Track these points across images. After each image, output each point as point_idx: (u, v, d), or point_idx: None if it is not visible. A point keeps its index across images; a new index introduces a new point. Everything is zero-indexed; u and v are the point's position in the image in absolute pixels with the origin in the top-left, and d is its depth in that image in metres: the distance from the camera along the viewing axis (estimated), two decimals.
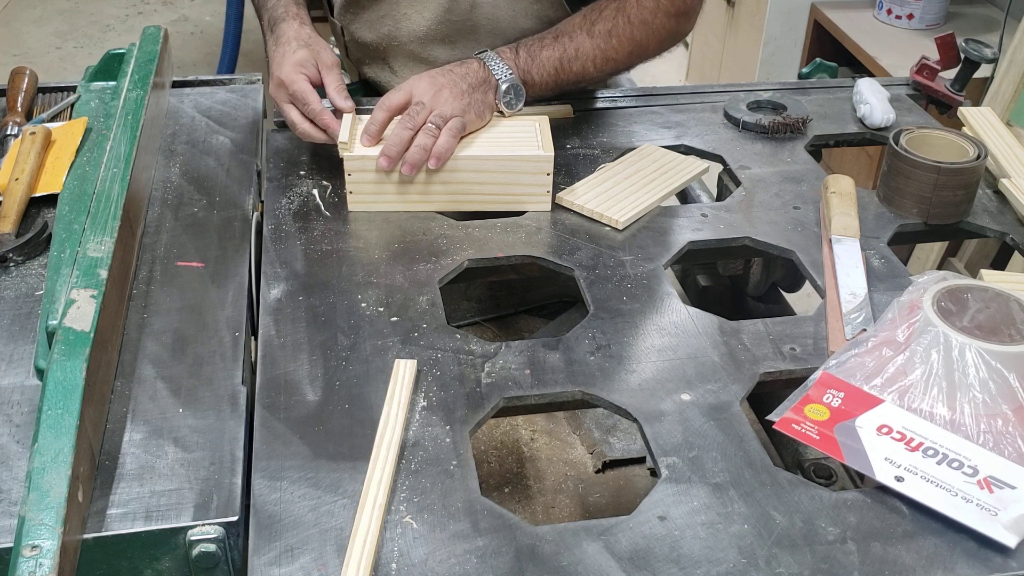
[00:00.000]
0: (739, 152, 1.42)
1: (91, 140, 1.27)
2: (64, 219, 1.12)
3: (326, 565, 0.79)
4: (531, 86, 1.34)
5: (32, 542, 0.72)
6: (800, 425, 0.92)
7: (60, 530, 0.73)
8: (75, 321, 0.91)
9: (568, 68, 1.34)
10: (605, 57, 1.35)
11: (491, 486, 1.32)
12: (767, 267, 1.50)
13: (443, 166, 1.22)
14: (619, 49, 1.35)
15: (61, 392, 0.84)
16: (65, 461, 0.79)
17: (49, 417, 0.82)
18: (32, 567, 0.71)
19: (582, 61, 1.34)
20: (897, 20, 2.90)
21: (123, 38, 4.38)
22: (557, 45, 1.34)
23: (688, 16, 1.40)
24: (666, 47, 1.42)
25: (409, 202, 1.26)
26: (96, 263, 0.99)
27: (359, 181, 1.24)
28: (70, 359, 0.87)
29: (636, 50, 1.37)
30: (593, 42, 1.34)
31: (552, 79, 1.35)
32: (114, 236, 1.04)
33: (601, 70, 1.37)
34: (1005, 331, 0.95)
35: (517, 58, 1.33)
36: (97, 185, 1.12)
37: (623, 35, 1.34)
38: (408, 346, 1.03)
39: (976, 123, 1.44)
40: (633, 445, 1.37)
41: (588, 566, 0.80)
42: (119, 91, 1.33)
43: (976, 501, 0.84)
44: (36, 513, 0.74)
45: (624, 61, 1.38)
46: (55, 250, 1.08)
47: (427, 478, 0.88)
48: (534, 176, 1.24)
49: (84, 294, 0.94)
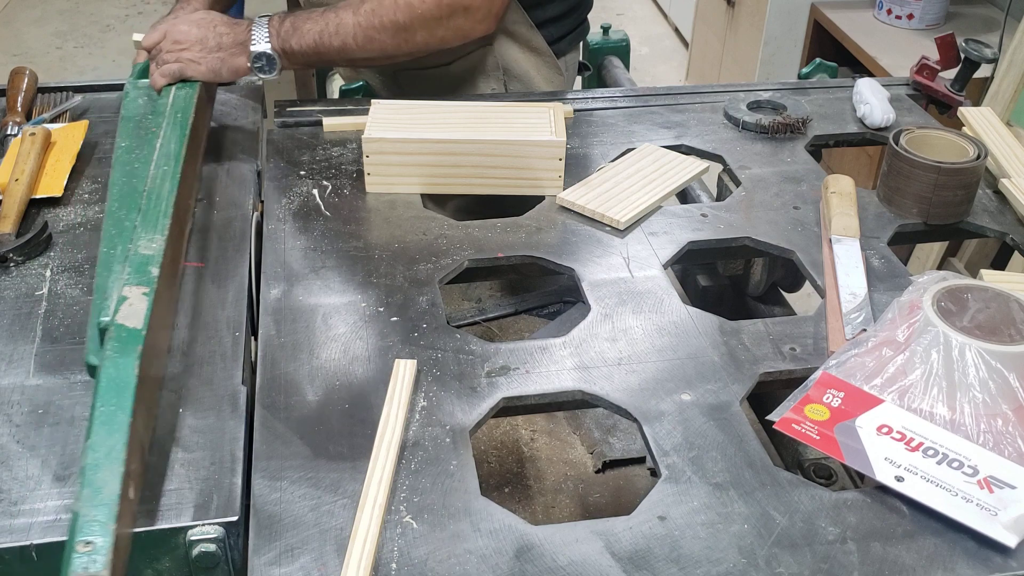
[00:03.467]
0: (739, 152, 1.42)
1: (139, 136, 1.28)
2: (113, 215, 1.13)
3: (326, 565, 0.79)
4: (291, 55, 1.37)
5: (85, 538, 0.73)
6: (800, 425, 0.92)
7: (113, 527, 0.74)
8: (127, 318, 0.92)
9: (328, 42, 1.36)
10: (367, 36, 1.36)
11: (491, 486, 1.32)
12: (767, 267, 1.50)
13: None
14: (380, 29, 1.36)
15: (114, 389, 0.85)
16: (118, 458, 0.79)
17: (102, 414, 0.83)
18: (86, 563, 0.71)
19: (342, 36, 1.36)
20: (897, 20, 2.90)
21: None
22: (321, 19, 1.37)
23: (468, 12, 1.38)
24: (443, 39, 1.41)
25: (424, 184, 1.30)
26: (148, 260, 1.00)
27: (376, 163, 1.28)
28: (123, 356, 0.88)
29: (401, 34, 1.37)
30: (355, 19, 1.36)
31: (312, 50, 1.37)
32: (165, 234, 1.04)
33: (364, 48, 1.38)
34: (1005, 331, 0.95)
35: (281, 27, 1.36)
36: (148, 183, 1.12)
37: (385, 16, 1.36)
38: (408, 346, 1.03)
39: (976, 123, 1.44)
40: (633, 445, 1.37)
41: (588, 566, 0.80)
42: (168, 89, 1.34)
43: (976, 501, 0.84)
44: (89, 509, 0.75)
45: (391, 44, 1.38)
46: (105, 246, 1.08)
47: (427, 478, 0.88)
48: (547, 161, 1.28)
49: (136, 291, 0.95)
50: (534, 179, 1.29)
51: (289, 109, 1.48)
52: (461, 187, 1.31)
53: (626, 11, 4.64)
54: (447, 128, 1.31)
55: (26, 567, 0.82)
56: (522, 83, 1.60)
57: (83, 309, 1.08)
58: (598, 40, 2.01)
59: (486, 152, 1.29)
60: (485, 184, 1.31)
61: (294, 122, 1.45)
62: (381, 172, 1.29)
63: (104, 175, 1.32)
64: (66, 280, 1.12)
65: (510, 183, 1.30)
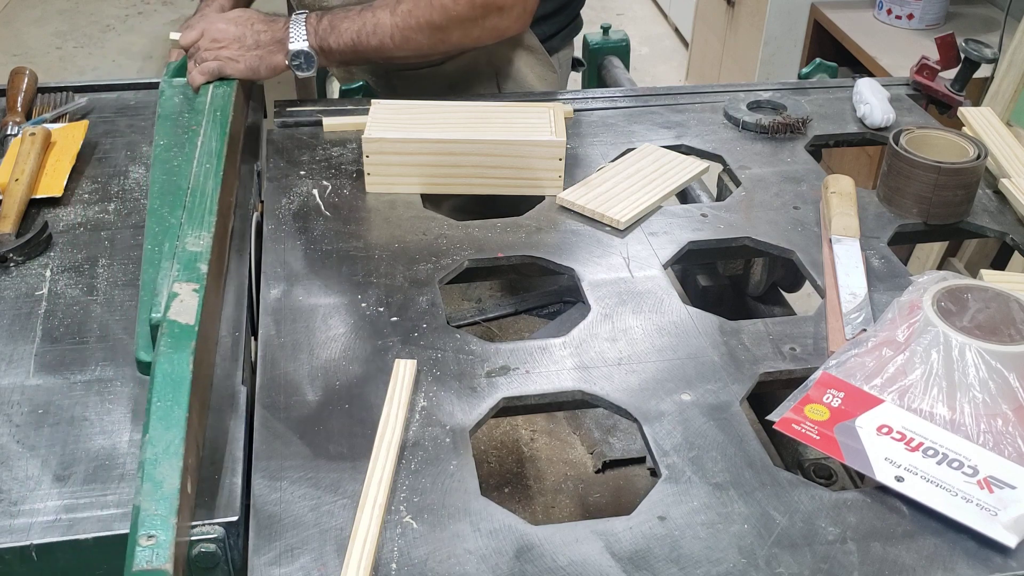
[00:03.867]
0: (739, 152, 1.42)
1: (177, 134, 1.29)
2: (156, 213, 1.13)
3: (326, 565, 0.79)
4: (328, 52, 1.39)
5: (148, 532, 0.74)
6: (800, 425, 0.92)
7: (174, 520, 0.75)
8: (179, 314, 0.92)
9: (366, 41, 1.39)
10: (404, 36, 1.39)
11: (491, 486, 1.32)
12: (767, 267, 1.50)
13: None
14: (417, 29, 1.39)
15: (170, 384, 0.85)
16: (177, 453, 0.80)
17: (159, 409, 0.83)
18: (149, 556, 0.72)
19: (380, 36, 1.39)
20: (897, 20, 2.90)
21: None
22: (359, 18, 1.39)
23: (502, 12, 1.41)
24: (479, 39, 1.44)
25: (424, 184, 1.30)
26: (196, 257, 1.01)
27: (376, 163, 1.28)
28: (177, 352, 0.88)
29: (437, 34, 1.40)
30: (392, 19, 1.38)
31: (350, 49, 1.40)
32: (211, 231, 1.05)
33: (401, 47, 1.41)
34: (1005, 331, 0.95)
35: (319, 25, 1.38)
36: (191, 180, 1.12)
37: (421, 17, 1.38)
38: (408, 346, 1.03)
39: (976, 123, 1.44)
40: (633, 445, 1.37)
41: (588, 566, 0.80)
42: (205, 87, 1.34)
43: (976, 501, 0.84)
44: (151, 504, 0.76)
45: (426, 45, 1.41)
46: (149, 243, 1.09)
47: (427, 478, 0.88)
48: (547, 161, 1.28)
49: (186, 288, 0.96)
50: (534, 179, 1.29)
51: (289, 109, 1.48)
52: (461, 187, 1.31)
53: (626, 11, 4.64)
54: (447, 128, 1.31)
55: (26, 567, 0.82)
56: (515, 82, 1.61)
57: (83, 309, 1.08)
58: (598, 40, 2.01)
59: (486, 152, 1.29)
60: (485, 184, 1.31)
61: (294, 122, 1.45)
62: (381, 172, 1.29)
63: (104, 175, 1.33)
64: (66, 280, 1.12)
65: (510, 183, 1.30)
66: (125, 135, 1.42)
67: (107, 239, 1.20)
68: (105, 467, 0.88)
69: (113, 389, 0.97)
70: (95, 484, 0.86)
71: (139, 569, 0.71)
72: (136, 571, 0.71)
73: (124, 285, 1.11)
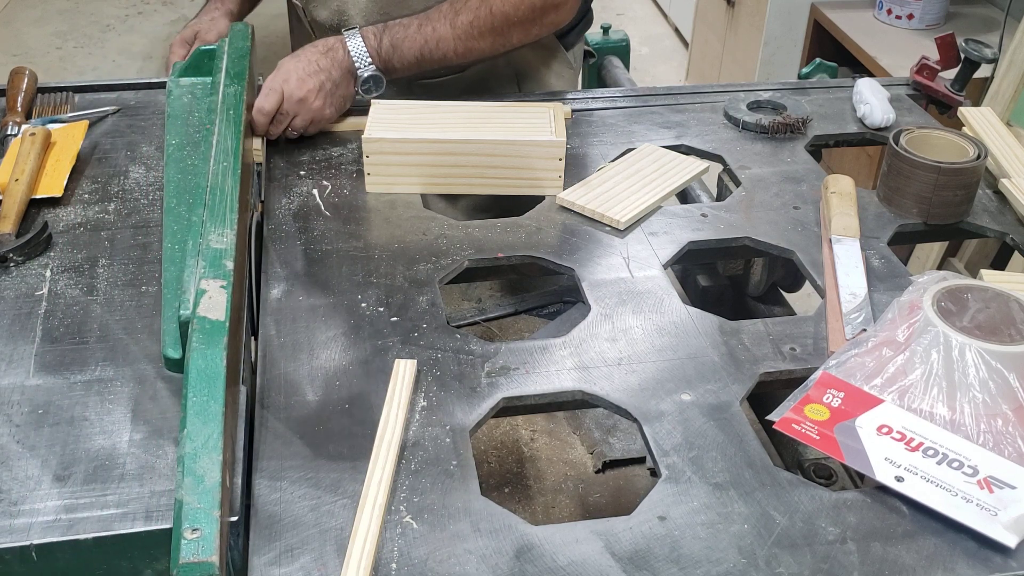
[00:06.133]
0: (739, 152, 1.42)
1: (188, 133, 1.29)
2: (173, 212, 1.13)
3: (326, 565, 0.79)
4: (391, 72, 1.42)
5: (192, 525, 0.74)
6: (800, 425, 0.92)
7: (217, 513, 0.75)
8: (209, 311, 0.92)
9: (429, 56, 1.42)
10: (466, 47, 1.42)
11: (491, 486, 1.32)
12: (767, 267, 1.50)
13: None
14: (479, 38, 1.42)
15: (205, 380, 0.86)
16: (216, 447, 0.80)
17: (195, 404, 0.84)
18: (195, 549, 0.73)
19: (443, 50, 1.42)
20: (897, 20, 2.90)
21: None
22: (419, 35, 1.40)
23: (558, 9, 1.45)
24: (537, 35, 1.48)
25: (424, 184, 1.30)
26: (221, 254, 1.01)
27: (376, 163, 1.28)
28: (210, 347, 0.88)
29: (499, 39, 1.43)
30: (454, 32, 1.41)
31: (414, 66, 1.43)
32: (234, 228, 1.05)
33: (463, 57, 1.44)
34: (1005, 331, 0.95)
35: (380, 46, 1.39)
36: (209, 179, 1.12)
37: (484, 27, 1.41)
38: (408, 346, 1.03)
39: (976, 123, 1.44)
40: (633, 445, 1.37)
41: (588, 566, 0.80)
42: (216, 86, 1.34)
43: (976, 501, 0.84)
44: (193, 497, 0.76)
45: (488, 50, 1.45)
46: (168, 242, 1.09)
47: (427, 478, 0.88)
48: (547, 161, 1.28)
49: (214, 284, 0.96)
50: (534, 179, 1.29)
51: None
52: (461, 187, 1.31)
53: (626, 11, 4.64)
54: (447, 128, 1.31)
55: (26, 567, 0.82)
56: (535, 82, 1.61)
57: (83, 309, 1.08)
58: (598, 40, 2.01)
59: (486, 152, 1.29)
60: (485, 184, 1.31)
61: None
62: (381, 172, 1.29)
63: (104, 175, 1.32)
64: (66, 280, 1.12)
65: (510, 183, 1.30)
66: (125, 135, 1.42)
67: (107, 239, 1.20)
68: (105, 467, 0.88)
69: (113, 389, 0.97)
70: (95, 484, 0.86)
71: (186, 562, 0.72)
72: (184, 564, 0.72)
73: (124, 285, 1.11)
